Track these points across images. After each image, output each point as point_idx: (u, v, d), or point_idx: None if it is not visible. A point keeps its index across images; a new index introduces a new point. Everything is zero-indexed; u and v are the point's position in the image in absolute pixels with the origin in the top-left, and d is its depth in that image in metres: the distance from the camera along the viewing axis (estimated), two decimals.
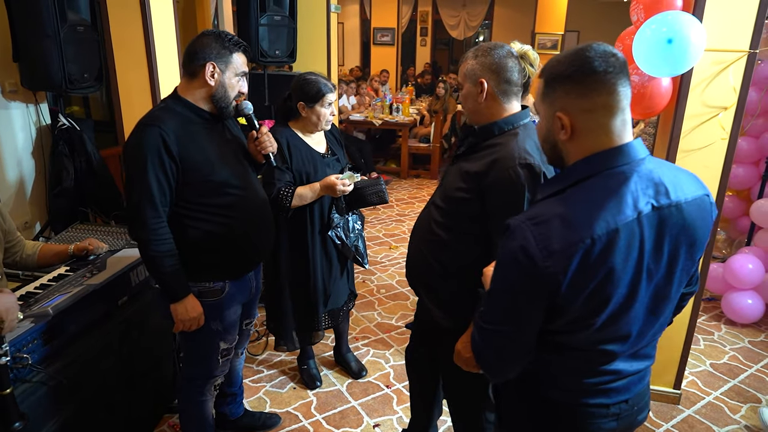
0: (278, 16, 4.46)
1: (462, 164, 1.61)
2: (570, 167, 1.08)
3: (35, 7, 2.79)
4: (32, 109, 3.23)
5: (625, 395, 1.18)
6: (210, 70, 1.71)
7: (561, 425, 1.21)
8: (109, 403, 1.97)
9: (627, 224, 1.00)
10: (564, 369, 1.16)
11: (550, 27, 9.36)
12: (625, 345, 1.12)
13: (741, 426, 2.50)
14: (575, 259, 0.98)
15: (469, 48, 1.99)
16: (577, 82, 1.03)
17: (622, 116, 1.04)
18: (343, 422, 2.44)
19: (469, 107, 1.61)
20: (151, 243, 1.67)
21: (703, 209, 1.10)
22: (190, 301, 1.76)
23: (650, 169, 1.05)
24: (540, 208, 1.07)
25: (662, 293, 1.11)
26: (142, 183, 1.64)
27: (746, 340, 3.26)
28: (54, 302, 1.75)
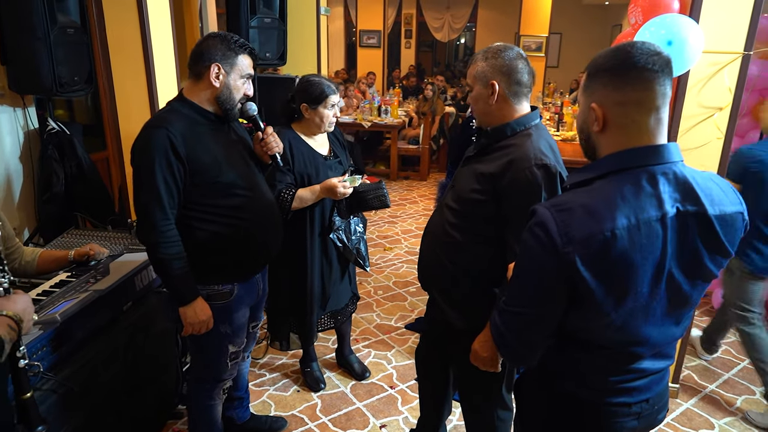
0: (268, 18, 4.45)
1: (475, 166, 1.62)
2: (600, 160, 1.10)
3: (25, 9, 2.73)
4: (20, 113, 3.16)
5: (647, 394, 1.20)
6: (215, 72, 1.71)
7: (584, 423, 1.22)
8: (117, 409, 1.94)
9: (649, 222, 1.02)
10: (591, 367, 1.17)
11: (534, 29, 9.47)
12: (647, 346, 1.14)
13: (738, 417, 2.56)
14: (594, 248, 1.01)
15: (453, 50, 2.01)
16: (615, 75, 1.05)
17: (656, 115, 1.05)
18: (350, 424, 2.44)
19: (480, 109, 1.63)
20: (160, 246, 1.66)
21: (734, 225, 1.10)
22: (199, 304, 1.74)
23: (683, 174, 1.06)
24: (565, 197, 1.10)
25: (684, 299, 1.12)
26: (151, 185, 1.63)
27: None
28: (61, 308, 1.72)
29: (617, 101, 1.05)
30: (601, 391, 1.18)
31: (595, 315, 1.09)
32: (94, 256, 2.11)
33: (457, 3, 12.00)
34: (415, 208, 5.82)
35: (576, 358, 1.18)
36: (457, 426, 2.43)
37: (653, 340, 1.14)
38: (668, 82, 1.05)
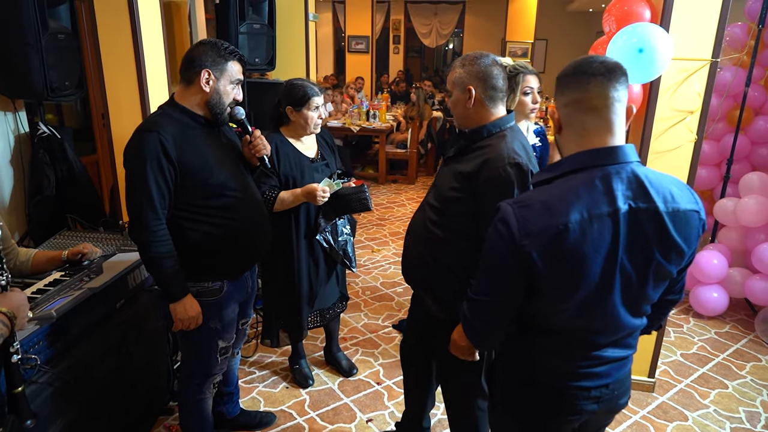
0: (257, 24, 4.51)
1: (454, 165, 1.71)
2: (561, 160, 1.20)
3: (16, 15, 2.77)
4: (10, 117, 3.19)
5: (606, 380, 1.28)
6: (205, 77, 1.77)
7: (547, 405, 1.31)
8: (110, 403, 1.99)
9: (601, 217, 1.11)
10: (551, 353, 1.26)
11: (519, 35, 9.63)
12: (604, 334, 1.23)
13: (711, 410, 2.66)
14: (549, 240, 1.10)
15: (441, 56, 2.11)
16: (561, 82, 1.18)
17: (599, 115, 1.14)
18: (337, 418, 2.51)
19: (459, 112, 1.72)
20: (151, 245, 1.72)
21: (687, 223, 1.17)
22: (188, 300, 1.80)
23: (636, 173, 1.14)
24: (527, 194, 1.21)
25: (638, 293, 1.20)
26: (143, 187, 1.69)
27: (713, 332, 3.45)
28: (56, 305, 1.78)
29: (563, 103, 1.18)
30: (562, 375, 1.26)
31: (552, 302, 1.18)
32: (87, 255, 2.16)
33: (444, 9, 12.15)
34: (403, 211, 5.90)
35: (537, 344, 1.27)
36: (441, 420, 2.50)
37: (608, 329, 1.22)
38: (608, 86, 1.14)
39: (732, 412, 2.65)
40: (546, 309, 1.20)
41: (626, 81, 1.16)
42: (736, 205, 3.57)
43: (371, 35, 10.36)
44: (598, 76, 1.14)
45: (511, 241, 1.13)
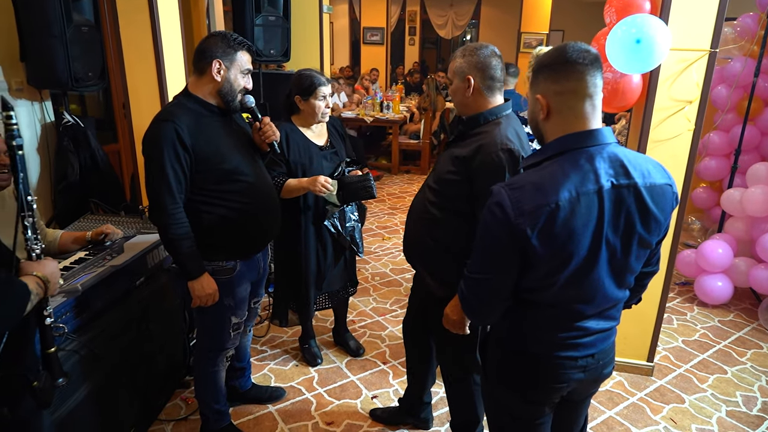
0: (272, 16, 4.62)
1: (452, 150, 1.81)
2: (547, 144, 1.29)
3: (42, 8, 2.91)
4: (37, 107, 3.34)
5: (592, 350, 1.37)
6: (216, 67, 1.88)
7: (536, 374, 1.40)
8: (131, 374, 2.14)
9: (587, 194, 1.20)
10: (541, 325, 1.35)
11: (535, 26, 9.60)
12: (591, 305, 1.32)
13: (708, 394, 2.73)
14: (542, 218, 1.19)
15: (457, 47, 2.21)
16: (553, 70, 1.24)
17: (590, 102, 1.24)
18: (344, 394, 2.63)
19: (458, 101, 1.82)
20: (170, 227, 1.84)
21: (663, 196, 1.27)
22: (205, 279, 1.93)
23: (615, 153, 1.24)
24: (518, 177, 1.29)
25: (622, 264, 1.29)
26: (161, 174, 1.80)
27: (716, 320, 3.50)
28: (81, 280, 1.92)
29: (557, 91, 1.24)
30: (551, 346, 1.35)
31: (544, 277, 1.27)
32: (110, 236, 2.30)
33: (460, 1, 12.13)
34: None
35: (528, 317, 1.36)
36: (444, 398, 2.61)
37: (595, 300, 1.31)
38: (598, 74, 1.24)
39: (729, 396, 2.71)
40: (538, 283, 1.29)
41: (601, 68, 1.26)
42: (742, 195, 3.59)
43: (386, 27, 10.41)
44: (589, 66, 1.22)
45: (506, 222, 1.21)
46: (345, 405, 2.56)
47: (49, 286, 1.35)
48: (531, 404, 1.44)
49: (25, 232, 1.36)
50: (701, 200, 4.46)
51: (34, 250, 1.39)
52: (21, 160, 1.34)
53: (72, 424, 1.78)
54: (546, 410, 1.46)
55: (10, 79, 3.07)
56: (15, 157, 1.32)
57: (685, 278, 3.98)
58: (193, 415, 2.42)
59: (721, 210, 3.92)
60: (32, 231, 1.37)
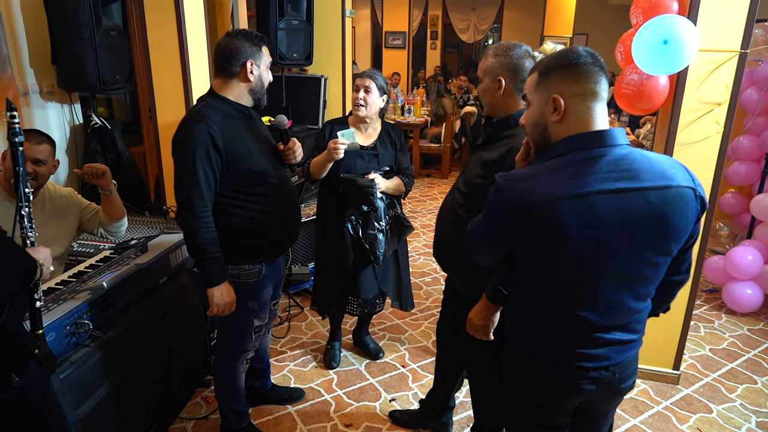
0: (296, 20, 4.67)
1: (481, 153, 1.81)
2: (555, 144, 1.25)
3: (72, 13, 2.99)
4: (66, 110, 3.42)
5: (606, 362, 1.30)
6: (250, 68, 1.89)
7: (547, 380, 1.36)
8: (152, 372, 2.16)
9: (581, 195, 1.16)
10: (553, 332, 1.32)
11: (558, 30, 9.51)
12: (596, 314, 1.26)
13: (737, 404, 2.65)
14: (533, 214, 1.19)
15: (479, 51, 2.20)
16: (572, 70, 1.22)
17: (602, 104, 1.23)
18: (362, 397, 2.62)
19: (488, 100, 1.82)
20: (198, 231, 1.82)
21: (681, 200, 1.19)
22: (225, 287, 1.90)
23: (625, 155, 1.19)
24: (519, 171, 1.30)
25: (634, 273, 1.23)
26: (192, 176, 1.79)
27: (745, 328, 3.40)
28: (107, 278, 1.95)
29: (577, 92, 1.22)
30: (562, 353, 1.31)
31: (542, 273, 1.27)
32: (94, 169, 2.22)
33: (482, 4, 12.08)
34: (435, 204, 5.97)
35: (541, 322, 1.33)
36: (463, 402, 2.59)
37: (601, 307, 1.25)
38: (607, 79, 1.25)
39: (759, 407, 2.63)
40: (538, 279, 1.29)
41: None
42: None
43: (408, 31, 10.42)
44: (602, 69, 1.22)
45: (498, 206, 1.25)
46: (364, 407, 2.56)
47: (42, 269, 1.42)
48: (541, 410, 1.41)
49: (21, 221, 1.45)
50: (730, 206, 4.35)
51: (28, 238, 1.47)
52: (21, 155, 1.44)
53: (95, 420, 1.81)
54: (558, 418, 1.41)
55: (41, 82, 3.15)
56: (16, 153, 1.43)
57: (712, 285, 3.88)
58: (213, 414, 2.44)
59: (750, 216, 3.82)
60: (28, 221, 1.46)
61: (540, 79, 1.27)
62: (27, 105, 3.01)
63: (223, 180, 1.87)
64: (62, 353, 1.73)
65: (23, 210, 1.44)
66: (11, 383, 1.30)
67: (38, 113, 3.13)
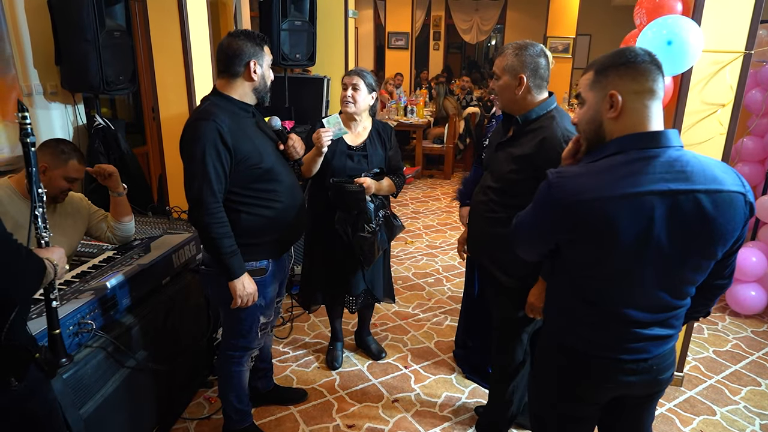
0: (299, 21, 4.67)
1: (510, 150, 1.87)
2: (609, 143, 1.26)
3: (76, 14, 3.00)
4: (70, 110, 3.43)
5: (644, 355, 1.33)
6: (253, 68, 1.91)
7: (582, 372, 1.39)
8: (154, 373, 2.16)
9: (634, 195, 1.17)
10: (589, 324, 1.35)
11: (561, 31, 9.50)
12: (639, 311, 1.29)
13: (741, 406, 2.64)
14: (578, 207, 1.21)
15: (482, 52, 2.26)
16: (631, 68, 1.23)
17: (658, 103, 1.24)
18: (365, 398, 2.62)
19: (506, 97, 1.86)
20: (212, 226, 1.84)
21: (730, 204, 1.20)
22: (246, 278, 1.93)
23: (678, 157, 1.20)
24: (570, 167, 1.31)
25: (677, 273, 1.25)
26: (203, 173, 1.81)
27: (749, 330, 3.39)
28: (109, 278, 1.95)
29: (635, 90, 1.22)
30: (598, 346, 1.34)
31: (587, 268, 1.29)
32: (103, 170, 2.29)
33: (485, 5, 12.08)
34: (438, 205, 5.97)
35: (577, 314, 1.36)
36: (466, 403, 2.58)
37: (642, 304, 1.28)
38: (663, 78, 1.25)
39: (763, 409, 2.62)
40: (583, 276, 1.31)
41: None
42: None
43: (411, 31, 10.42)
44: (658, 68, 1.23)
45: (548, 200, 1.27)
46: (366, 408, 2.55)
47: (57, 269, 1.42)
48: (576, 400, 1.44)
49: (35, 221, 1.44)
50: None
51: (43, 238, 1.47)
52: (34, 156, 1.42)
53: (97, 420, 1.80)
54: (590, 409, 1.46)
55: (45, 83, 3.16)
56: (29, 153, 1.41)
57: None
58: (216, 415, 2.44)
59: (754, 217, 3.81)
60: (42, 221, 1.46)
61: (596, 77, 1.28)
62: (31, 105, 3.02)
63: (231, 177, 1.88)
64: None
65: (37, 210, 1.44)
66: (11, 387, 1.29)
67: (42, 114, 3.14)
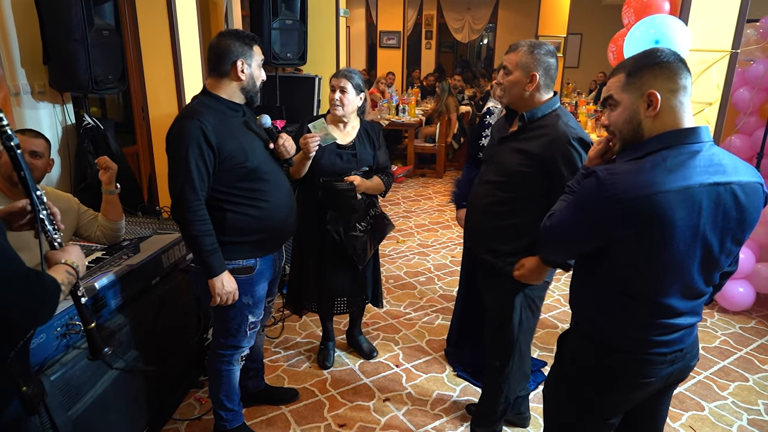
0: (290, 20, 4.66)
1: (514, 144, 1.90)
2: (649, 140, 1.29)
3: (64, 12, 2.97)
4: (58, 110, 3.40)
5: (680, 345, 1.39)
6: (240, 67, 1.91)
7: (624, 370, 1.41)
8: (144, 375, 2.15)
9: (688, 189, 1.23)
10: (633, 320, 1.37)
11: (552, 30, 9.53)
12: (684, 301, 1.34)
13: (729, 402, 2.66)
14: (638, 206, 1.23)
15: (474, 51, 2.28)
16: (664, 68, 1.27)
17: (689, 99, 1.29)
18: (356, 397, 2.62)
19: (515, 92, 1.89)
20: (192, 223, 1.85)
21: (755, 194, 1.30)
22: (226, 276, 1.93)
23: (713, 153, 1.27)
24: (616, 165, 1.33)
25: (715, 261, 1.32)
26: (185, 170, 1.82)
27: (737, 326, 3.42)
28: (99, 278, 1.94)
29: (671, 89, 1.27)
30: (641, 342, 1.37)
31: (636, 264, 1.31)
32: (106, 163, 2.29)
33: (477, 4, 12.11)
34: (429, 204, 5.98)
35: (621, 311, 1.38)
36: (457, 401, 2.59)
37: (686, 294, 1.33)
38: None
39: (751, 404, 2.65)
40: (631, 272, 1.33)
41: None
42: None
43: (403, 30, 10.43)
44: (685, 66, 1.29)
45: (598, 201, 1.28)
46: (357, 407, 2.56)
47: (78, 270, 1.39)
48: (613, 404, 1.47)
49: (43, 225, 1.37)
50: None
51: (55, 240, 1.42)
52: (21, 158, 1.29)
53: (86, 422, 1.79)
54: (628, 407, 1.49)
55: (33, 82, 3.13)
56: (16, 158, 1.29)
57: None
58: (206, 415, 2.44)
59: None
60: (49, 223, 1.39)
61: (628, 79, 1.31)
62: (18, 105, 2.99)
63: (216, 176, 1.89)
64: (53, 355, 1.72)
65: (41, 214, 1.37)
66: None
67: (30, 113, 3.11)
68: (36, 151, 2.05)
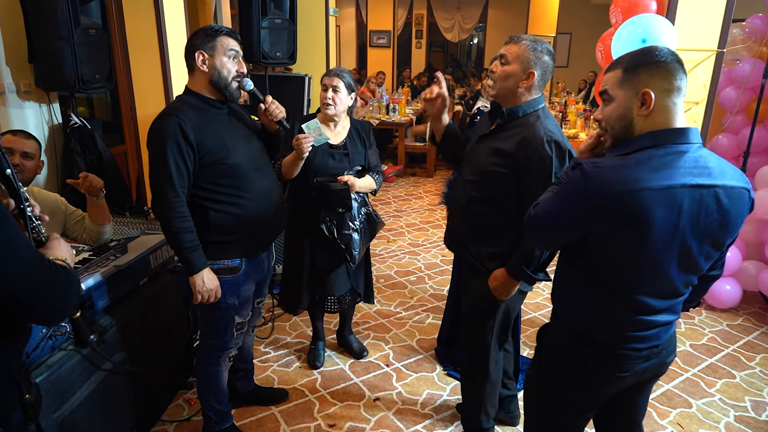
0: (279, 19, 4.63)
1: (492, 143, 1.87)
2: (638, 137, 1.30)
3: (50, 10, 2.93)
4: (45, 109, 3.36)
5: (656, 341, 1.41)
6: (200, 59, 1.88)
7: (600, 364, 1.43)
8: (132, 376, 2.14)
9: (670, 188, 1.23)
10: (612, 315, 1.39)
11: (542, 29, 9.57)
12: (659, 299, 1.35)
13: (716, 399, 2.69)
14: (618, 201, 1.24)
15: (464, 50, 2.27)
16: (661, 67, 1.27)
17: (682, 100, 1.29)
18: (346, 397, 2.62)
19: (507, 85, 1.85)
20: (172, 219, 1.84)
21: (740, 200, 1.30)
22: (207, 273, 1.91)
23: (700, 155, 1.27)
24: (603, 159, 1.34)
25: (693, 263, 1.32)
26: (163, 166, 1.82)
27: (724, 324, 3.46)
28: (86, 279, 1.92)
29: (666, 89, 1.27)
30: (617, 336, 1.39)
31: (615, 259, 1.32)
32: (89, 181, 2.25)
33: (467, 3, 12.13)
34: (420, 203, 5.99)
35: (596, 305, 1.40)
36: (447, 400, 2.60)
37: (663, 292, 1.35)
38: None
39: (737, 401, 2.67)
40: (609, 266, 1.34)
41: None
42: None
43: (393, 30, 10.43)
44: (682, 66, 1.29)
45: (582, 192, 1.29)
46: (348, 407, 2.55)
47: (69, 264, 1.36)
48: (589, 396, 1.49)
49: (29, 221, 1.35)
50: None
51: (41, 235, 1.39)
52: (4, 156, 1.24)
53: (73, 424, 1.77)
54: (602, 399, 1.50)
55: (18, 81, 3.09)
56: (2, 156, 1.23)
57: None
58: (195, 416, 2.42)
59: None
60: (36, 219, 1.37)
61: (625, 76, 1.31)
62: (3, 105, 2.95)
63: (198, 172, 1.88)
64: (39, 357, 1.70)
65: (28, 210, 1.33)
66: None
67: (15, 113, 3.07)
68: (27, 152, 2.05)
